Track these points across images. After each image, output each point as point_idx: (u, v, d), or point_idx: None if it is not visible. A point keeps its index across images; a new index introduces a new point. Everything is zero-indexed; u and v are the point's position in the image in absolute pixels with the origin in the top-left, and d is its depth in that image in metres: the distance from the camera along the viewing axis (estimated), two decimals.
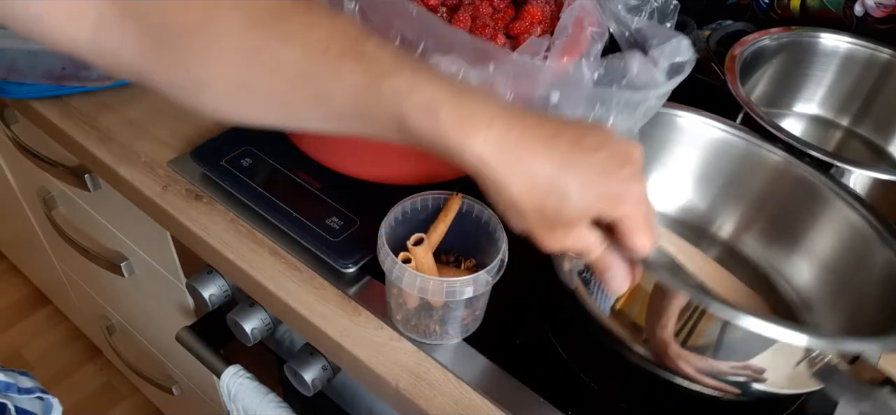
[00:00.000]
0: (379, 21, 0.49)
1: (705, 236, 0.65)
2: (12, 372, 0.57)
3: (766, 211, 0.62)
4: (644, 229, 0.38)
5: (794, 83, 0.80)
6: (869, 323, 0.50)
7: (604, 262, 0.40)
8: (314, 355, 0.61)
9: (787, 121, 0.80)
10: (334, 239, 0.59)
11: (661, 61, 0.53)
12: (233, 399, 0.68)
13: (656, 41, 0.54)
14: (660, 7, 0.59)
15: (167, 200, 0.65)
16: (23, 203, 1.17)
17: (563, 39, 0.53)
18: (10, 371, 0.57)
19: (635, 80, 0.51)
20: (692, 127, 0.63)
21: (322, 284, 0.58)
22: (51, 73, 0.74)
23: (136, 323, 1.14)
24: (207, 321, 0.74)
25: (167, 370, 1.13)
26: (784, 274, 0.61)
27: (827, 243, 0.58)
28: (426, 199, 0.53)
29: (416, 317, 0.53)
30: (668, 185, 0.65)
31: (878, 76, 0.77)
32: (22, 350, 1.55)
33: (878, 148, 0.78)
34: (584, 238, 0.39)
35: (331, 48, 0.36)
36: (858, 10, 0.79)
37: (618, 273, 0.41)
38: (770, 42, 0.76)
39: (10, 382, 0.56)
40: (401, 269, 0.48)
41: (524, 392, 0.51)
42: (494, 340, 0.54)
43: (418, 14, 0.49)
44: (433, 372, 0.53)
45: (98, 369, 1.53)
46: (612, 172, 0.37)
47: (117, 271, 0.93)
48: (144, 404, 1.46)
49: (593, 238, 0.39)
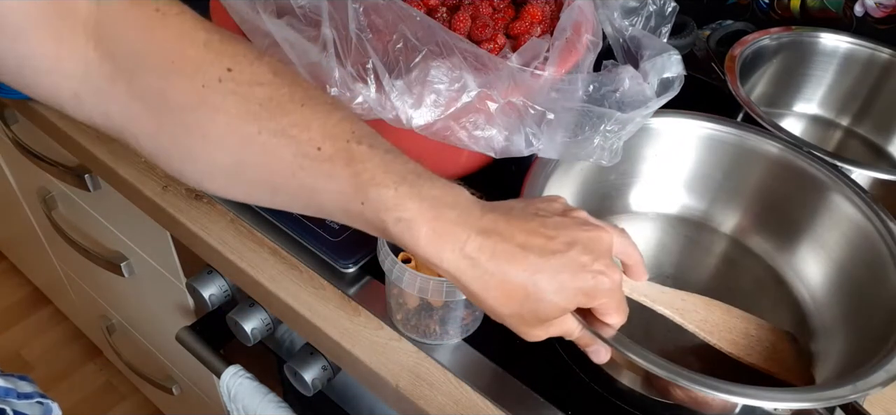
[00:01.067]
0: (383, 24, 0.49)
1: (709, 233, 0.65)
2: (11, 377, 0.57)
3: (767, 204, 0.63)
4: (616, 312, 0.42)
5: (794, 83, 0.80)
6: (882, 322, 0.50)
7: (584, 341, 0.44)
8: (314, 355, 0.61)
9: (787, 121, 0.80)
10: (334, 239, 0.60)
11: (652, 76, 0.53)
12: (233, 399, 0.68)
13: (649, 53, 0.55)
14: (658, 9, 0.59)
15: (167, 200, 0.65)
16: (23, 203, 1.17)
17: (562, 41, 0.53)
18: (9, 376, 0.57)
19: (626, 95, 0.52)
20: (685, 128, 0.63)
21: (322, 284, 0.58)
22: None
23: (136, 323, 1.14)
24: (207, 321, 0.74)
25: (167, 370, 1.13)
26: (794, 268, 0.61)
27: (833, 236, 0.58)
28: None
29: (416, 317, 0.53)
30: (667, 185, 0.65)
31: (878, 76, 0.77)
32: (22, 350, 1.55)
33: (878, 148, 0.78)
34: (564, 326, 0.42)
35: (324, 148, 0.37)
36: (858, 10, 0.79)
37: (600, 347, 0.44)
38: (770, 42, 0.76)
39: (9, 387, 0.56)
40: (401, 269, 0.48)
41: (524, 392, 0.51)
42: (494, 340, 0.54)
43: (422, 19, 0.49)
44: (433, 372, 0.53)
45: (98, 369, 1.53)
46: (584, 268, 0.39)
47: (117, 271, 0.93)
48: (144, 404, 1.46)
49: (571, 324, 0.42)
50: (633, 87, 0.52)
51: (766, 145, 0.61)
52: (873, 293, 0.53)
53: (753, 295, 0.60)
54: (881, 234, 0.54)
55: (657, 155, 0.64)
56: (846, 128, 0.80)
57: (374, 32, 0.49)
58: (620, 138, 0.54)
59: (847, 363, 0.51)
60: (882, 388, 0.43)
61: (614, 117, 0.51)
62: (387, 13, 0.49)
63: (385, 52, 0.49)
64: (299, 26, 0.49)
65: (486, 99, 0.49)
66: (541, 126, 0.51)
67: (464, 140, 0.50)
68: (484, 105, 0.49)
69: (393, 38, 0.49)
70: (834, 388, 0.43)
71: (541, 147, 0.51)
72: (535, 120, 0.50)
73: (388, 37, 0.49)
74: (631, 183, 0.65)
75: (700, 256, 0.63)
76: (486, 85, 0.48)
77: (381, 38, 0.49)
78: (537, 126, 0.51)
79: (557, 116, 0.51)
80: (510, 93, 0.50)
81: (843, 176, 0.58)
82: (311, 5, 0.49)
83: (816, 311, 0.58)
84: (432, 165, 0.61)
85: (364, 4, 0.49)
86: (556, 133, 0.51)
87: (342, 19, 0.48)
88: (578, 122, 0.52)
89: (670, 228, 0.65)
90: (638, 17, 0.59)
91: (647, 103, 0.53)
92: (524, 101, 0.50)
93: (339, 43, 0.47)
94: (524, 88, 0.50)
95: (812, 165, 0.59)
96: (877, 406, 0.52)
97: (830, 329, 0.56)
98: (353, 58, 0.48)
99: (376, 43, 0.48)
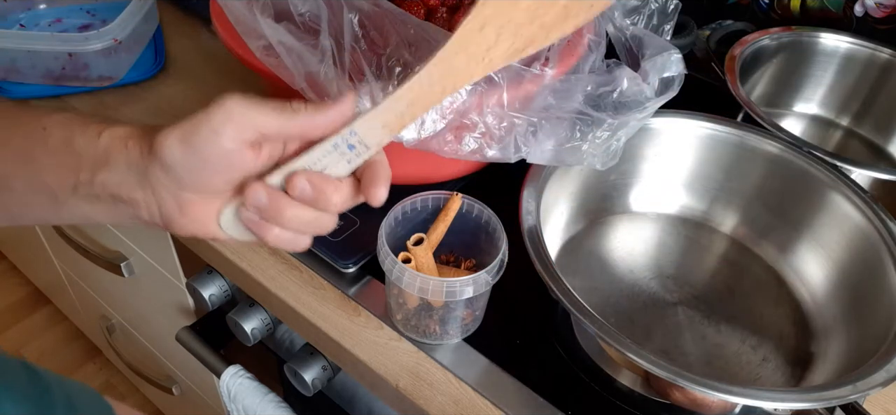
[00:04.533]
0: (376, 34, 0.49)
1: (709, 233, 0.65)
2: None
3: (767, 204, 0.63)
4: None
5: (794, 83, 0.80)
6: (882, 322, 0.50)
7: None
8: (314, 355, 0.61)
9: (787, 121, 0.80)
10: (334, 239, 0.60)
11: (652, 75, 0.53)
12: (233, 399, 0.68)
13: (650, 52, 0.55)
14: (660, 7, 0.59)
15: None
16: None
17: (563, 42, 0.53)
18: None
19: (625, 95, 0.52)
20: (685, 128, 0.63)
21: (322, 284, 0.58)
22: (51, 73, 0.74)
23: (136, 323, 1.14)
24: (207, 321, 0.74)
25: (167, 370, 1.13)
26: (794, 268, 0.61)
27: (833, 236, 0.58)
28: (426, 199, 0.53)
29: (416, 317, 0.53)
30: (667, 185, 0.66)
31: (878, 76, 0.77)
32: (22, 350, 1.55)
33: (878, 148, 0.78)
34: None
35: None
36: (858, 10, 0.79)
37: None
38: (770, 42, 0.76)
39: None
40: (401, 269, 0.48)
41: (524, 392, 0.51)
42: (494, 340, 0.54)
43: (416, 29, 0.49)
44: (433, 372, 0.53)
45: (98, 369, 1.53)
46: None
47: (117, 271, 0.93)
48: (144, 404, 1.46)
49: None
50: (632, 87, 0.52)
51: (766, 145, 0.61)
52: (873, 293, 0.53)
53: (753, 295, 0.60)
54: (881, 234, 0.54)
55: (657, 155, 0.64)
56: (846, 128, 0.80)
57: (368, 43, 0.49)
58: (619, 140, 0.54)
59: (847, 363, 0.51)
60: (882, 388, 0.43)
61: (606, 123, 0.51)
62: (382, 22, 0.49)
63: (379, 65, 0.49)
64: (297, 33, 0.49)
65: (475, 109, 0.49)
66: (530, 134, 0.51)
67: (454, 151, 0.50)
68: (474, 115, 0.49)
69: (386, 51, 0.49)
70: (834, 388, 0.43)
71: (530, 154, 0.51)
72: (525, 128, 0.51)
73: (382, 48, 0.49)
74: (631, 183, 0.65)
75: (700, 256, 0.63)
76: (479, 93, 0.48)
77: (376, 50, 0.49)
78: (527, 134, 0.51)
79: (549, 123, 0.51)
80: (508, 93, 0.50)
81: (843, 176, 0.58)
82: (310, 13, 0.49)
83: (816, 311, 0.58)
84: (430, 169, 0.62)
85: (360, 14, 0.49)
86: (546, 141, 0.51)
87: (339, 28, 0.48)
88: (570, 127, 0.52)
89: (670, 228, 0.65)
90: (640, 15, 0.59)
91: (645, 104, 0.53)
92: (513, 112, 0.50)
93: (336, 53, 0.47)
94: (522, 92, 0.50)
95: (812, 165, 0.59)
96: (877, 406, 0.52)
97: (830, 329, 0.56)
98: (350, 69, 0.48)
99: (370, 54, 0.48)
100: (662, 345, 0.55)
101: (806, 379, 0.53)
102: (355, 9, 0.49)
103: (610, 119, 0.52)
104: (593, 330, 0.44)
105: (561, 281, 0.47)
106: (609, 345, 0.43)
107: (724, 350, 0.55)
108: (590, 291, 0.58)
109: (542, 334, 0.56)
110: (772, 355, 0.55)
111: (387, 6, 0.49)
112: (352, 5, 0.48)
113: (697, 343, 0.55)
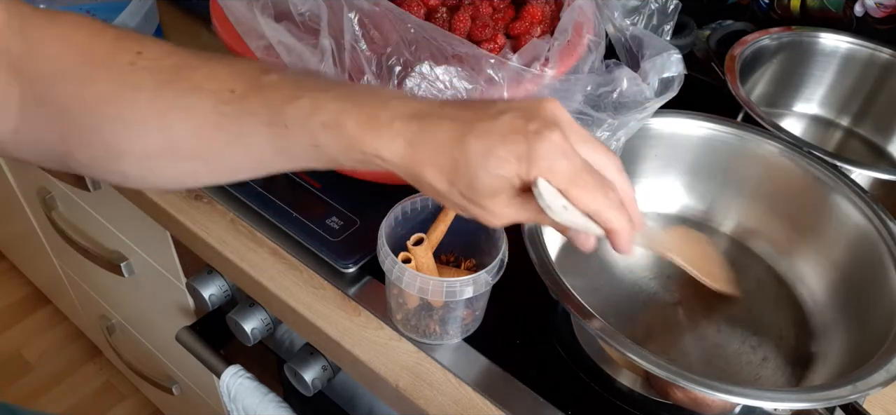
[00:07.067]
0: (376, 33, 0.49)
1: (709, 233, 0.65)
2: None
3: (767, 204, 0.63)
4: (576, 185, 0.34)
5: (794, 83, 0.80)
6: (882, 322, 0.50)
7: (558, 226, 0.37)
8: (314, 355, 0.61)
9: (787, 121, 0.80)
10: (334, 239, 0.59)
11: (652, 76, 0.53)
12: (233, 399, 0.68)
13: (649, 52, 0.55)
14: (660, 7, 0.59)
15: (167, 200, 0.65)
16: (23, 203, 1.17)
17: (563, 42, 0.53)
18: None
19: (625, 95, 0.52)
20: (685, 128, 0.63)
21: (322, 284, 0.58)
22: None
23: (136, 323, 1.14)
24: (207, 321, 0.74)
25: (167, 370, 1.13)
26: (794, 268, 0.61)
27: (833, 236, 0.58)
28: (426, 199, 0.53)
29: (416, 317, 0.53)
30: (667, 185, 0.65)
31: (878, 76, 0.77)
32: (22, 350, 1.55)
33: (878, 148, 0.78)
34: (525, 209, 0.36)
35: (236, 89, 0.37)
36: (858, 10, 0.79)
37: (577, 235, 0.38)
38: (770, 42, 0.76)
39: None
40: (401, 269, 0.48)
41: (524, 392, 0.51)
42: (494, 340, 0.54)
43: (416, 26, 0.49)
44: (433, 372, 0.53)
45: (98, 369, 1.53)
46: (516, 131, 0.34)
47: (117, 271, 0.93)
48: (144, 404, 1.46)
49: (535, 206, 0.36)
50: (632, 87, 0.52)
51: (766, 145, 0.61)
52: (873, 293, 0.53)
53: (754, 295, 0.60)
54: (881, 234, 0.54)
55: (657, 155, 0.64)
56: (846, 128, 0.80)
57: (368, 43, 0.49)
58: (619, 140, 0.54)
59: (847, 363, 0.51)
60: (882, 388, 0.43)
61: (606, 123, 0.52)
62: (382, 22, 0.49)
63: (379, 64, 0.49)
64: (297, 32, 0.49)
65: None
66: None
67: None
68: None
69: (386, 50, 0.49)
70: (834, 388, 0.43)
71: None
72: None
73: (382, 48, 0.49)
74: (631, 183, 0.65)
75: None
76: (479, 93, 0.48)
77: (375, 50, 0.49)
78: None
79: None
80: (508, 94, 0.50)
81: (843, 176, 0.58)
82: (311, 13, 0.49)
83: (816, 311, 0.58)
84: None
85: (359, 13, 0.49)
86: None
87: (339, 28, 0.48)
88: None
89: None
90: (639, 15, 0.59)
91: (645, 104, 0.53)
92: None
93: (336, 53, 0.47)
94: (522, 92, 0.50)
95: (812, 166, 0.59)
96: (877, 406, 0.52)
97: (830, 329, 0.56)
98: (350, 68, 0.48)
99: (370, 55, 0.48)
100: (662, 345, 0.55)
101: (806, 379, 0.53)
102: (355, 8, 0.49)
103: (610, 119, 0.52)
104: (593, 330, 0.44)
105: (561, 281, 0.47)
106: (609, 345, 0.43)
107: (724, 350, 0.55)
108: (590, 292, 0.58)
109: (542, 334, 0.56)
110: (772, 355, 0.55)
111: (387, 6, 0.49)
112: (352, 5, 0.48)
113: (697, 343, 0.55)
